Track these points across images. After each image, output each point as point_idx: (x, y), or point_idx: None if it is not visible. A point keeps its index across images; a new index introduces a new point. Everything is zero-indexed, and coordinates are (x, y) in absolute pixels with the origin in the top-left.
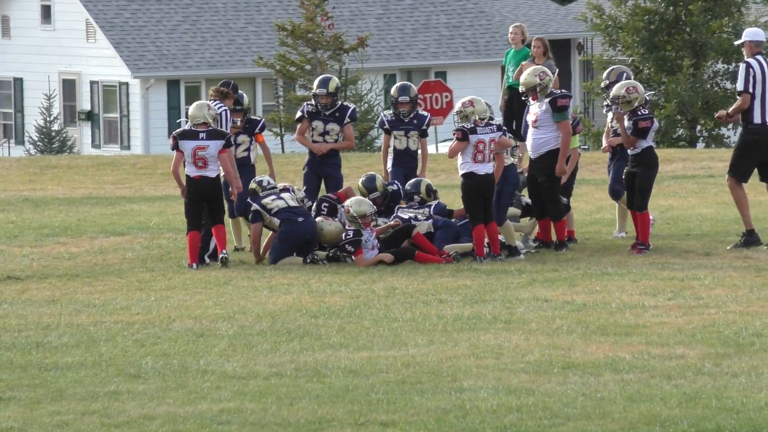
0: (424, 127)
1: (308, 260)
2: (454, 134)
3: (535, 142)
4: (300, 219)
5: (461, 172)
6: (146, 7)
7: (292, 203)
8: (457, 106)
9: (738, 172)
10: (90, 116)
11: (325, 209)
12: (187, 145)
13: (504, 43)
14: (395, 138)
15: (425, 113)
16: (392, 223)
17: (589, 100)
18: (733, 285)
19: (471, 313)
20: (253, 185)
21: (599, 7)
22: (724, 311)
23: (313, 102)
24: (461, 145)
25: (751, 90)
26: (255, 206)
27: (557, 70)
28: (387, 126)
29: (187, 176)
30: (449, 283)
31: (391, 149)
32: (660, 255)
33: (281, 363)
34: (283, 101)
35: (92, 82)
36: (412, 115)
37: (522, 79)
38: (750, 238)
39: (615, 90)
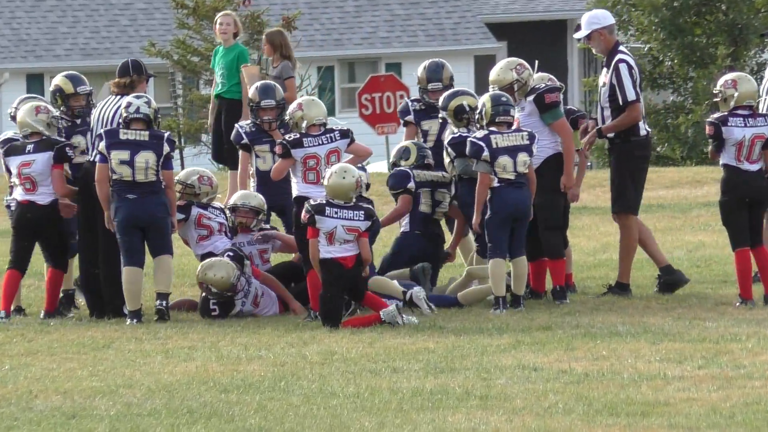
0: None
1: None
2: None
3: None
4: (130, 196)
5: (293, 196)
6: None
7: (141, 177)
8: (288, 111)
9: (630, 204)
10: None
11: (230, 257)
12: (13, 162)
13: (477, 25)
14: (257, 156)
15: None
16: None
17: (591, 101)
18: None
19: (435, 386)
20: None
21: None
22: None
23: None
24: (284, 164)
25: (640, 96)
26: (102, 145)
27: (293, 75)
28: (245, 140)
29: (16, 200)
30: (406, 346)
31: (252, 171)
32: (687, 308)
33: None
34: (182, 102)
35: None
36: (276, 124)
37: (493, 76)
38: (621, 291)
39: (719, 83)
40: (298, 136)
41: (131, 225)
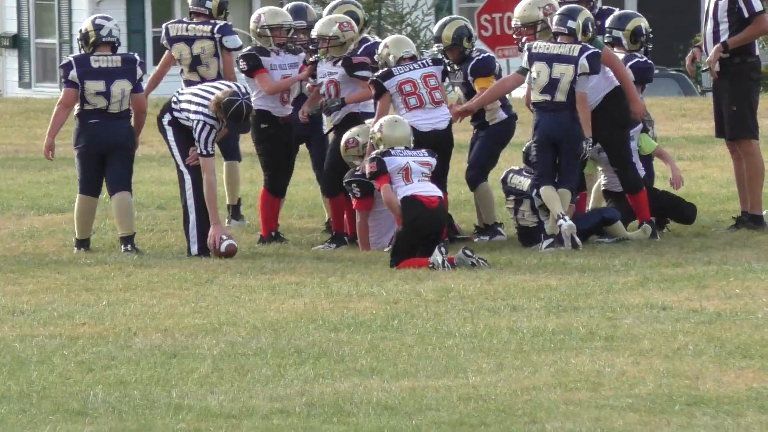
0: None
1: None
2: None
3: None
4: (93, 120)
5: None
6: None
7: (116, 108)
8: (381, 48)
9: (751, 129)
10: (16, 42)
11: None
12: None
13: None
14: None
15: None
16: None
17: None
18: None
19: (557, 326)
20: None
21: None
22: None
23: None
24: (383, 103)
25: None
26: (73, 74)
27: None
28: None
29: None
30: (526, 283)
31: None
32: None
33: (288, 396)
34: None
35: None
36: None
37: (517, 12)
38: (756, 224)
39: None
40: (386, 69)
41: (93, 152)
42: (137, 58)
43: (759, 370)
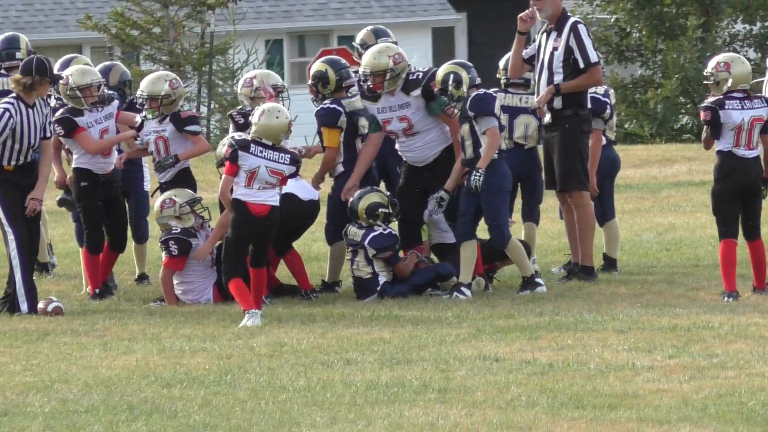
0: None
1: None
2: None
3: (420, 152)
4: None
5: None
6: None
7: None
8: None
9: (582, 181)
10: None
11: None
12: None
13: None
14: None
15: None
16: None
17: None
18: (760, 336)
19: (391, 379)
20: None
21: None
22: (748, 374)
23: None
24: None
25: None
26: None
27: None
28: None
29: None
30: (360, 336)
31: None
32: (657, 294)
33: None
34: None
35: None
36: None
37: (366, 60)
38: (587, 276)
39: (710, 65)
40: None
41: None
42: None
43: (591, 420)
